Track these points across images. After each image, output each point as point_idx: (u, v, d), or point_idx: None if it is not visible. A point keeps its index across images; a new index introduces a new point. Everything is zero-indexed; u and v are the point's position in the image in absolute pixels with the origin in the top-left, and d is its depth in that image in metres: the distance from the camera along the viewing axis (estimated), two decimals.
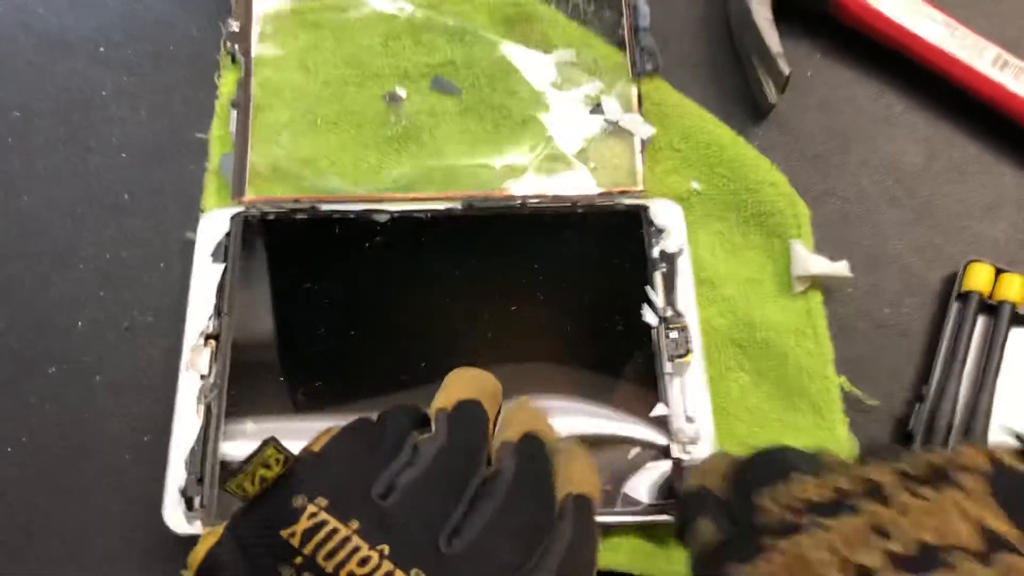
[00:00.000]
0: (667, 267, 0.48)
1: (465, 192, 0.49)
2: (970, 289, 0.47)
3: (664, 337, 0.46)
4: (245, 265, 0.47)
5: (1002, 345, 0.46)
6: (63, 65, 0.53)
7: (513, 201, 0.49)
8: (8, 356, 0.47)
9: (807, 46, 0.53)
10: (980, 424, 0.45)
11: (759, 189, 0.49)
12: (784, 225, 0.48)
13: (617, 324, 0.47)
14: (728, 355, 0.47)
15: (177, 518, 0.42)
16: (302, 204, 0.48)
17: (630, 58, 0.52)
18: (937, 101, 0.52)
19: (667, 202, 0.49)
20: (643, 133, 0.50)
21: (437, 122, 0.51)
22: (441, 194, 0.49)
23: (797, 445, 0.41)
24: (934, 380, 0.46)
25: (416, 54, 0.52)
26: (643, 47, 0.51)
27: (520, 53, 0.52)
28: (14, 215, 0.50)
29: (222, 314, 0.46)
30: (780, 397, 0.46)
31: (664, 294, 0.47)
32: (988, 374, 0.46)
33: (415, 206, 0.48)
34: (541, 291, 0.47)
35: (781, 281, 0.48)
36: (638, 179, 0.50)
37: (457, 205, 0.49)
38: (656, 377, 0.45)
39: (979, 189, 0.51)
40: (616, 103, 0.51)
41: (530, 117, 0.51)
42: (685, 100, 0.51)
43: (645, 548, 0.43)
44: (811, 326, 0.47)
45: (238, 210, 0.48)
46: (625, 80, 0.51)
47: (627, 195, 0.49)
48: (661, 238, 0.48)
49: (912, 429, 0.45)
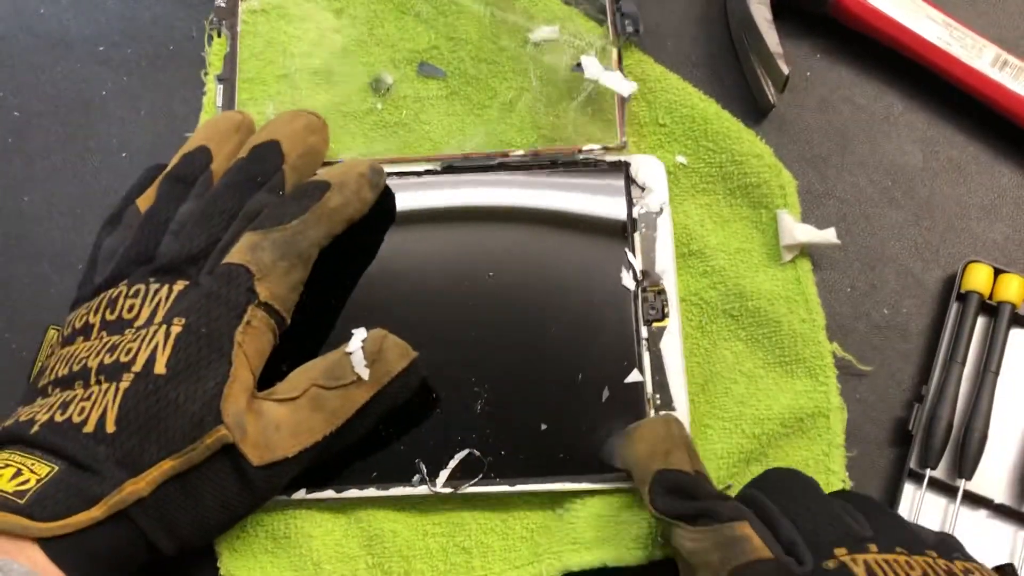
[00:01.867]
0: (646, 228, 0.48)
1: (444, 154, 0.50)
2: (969, 289, 0.47)
3: (641, 301, 0.46)
4: None
5: (1002, 346, 0.46)
6: (63, 65, 0.53)
7: (492, 160, 0.49)
8: (8, 356, 0.48)
9: (806, 46, 0.53)
10: (980, 425, 0.45)
11: (744, 161, 0.49)
12: (770, 196, 0.49)
13: (594, 285, 0.46)
14: (721, 325, 0.47)
15: None
16: None
17: (610, 20, 0.52)
18: (936, 101, 0.52)
19: (649, 158, 0.49)
20: (624, 90, 0.50)
21: (423, 106, 0.51)
22: (420, 156, 0.50)
23: (794, 408, 0.45)
24: (933, 381, 0.46)
25: (401, 40, 0.52)
26: (623, 12, 0.51)
27: (504, 33, 0.52)
28: (14, 215, 0.50)
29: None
30: (775, 363, 0.46)
31: (643, 255, 0.47)
32: (988, 375, 0.46)
33: (395, 168, 0.49)
34: (519, 251, 0.47)
35: (770, 251, 0.48)
36: (619, 135, 0.49)
37: (436, 166, 0.49)
38: (632, 341, 0.45)
39: (978, 189, 0.51)
40: (595, 62, 0.50)
41: (516, 97, 0.51)
42: (669, 74, 0.51)
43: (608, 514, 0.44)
44: (801, 293, 0.47)
45: None
46: (606, 43, 0.51)
47: (609, 152, 0.49)
48: (642, 196, 0.48)
49: (912, 430, 0.45)
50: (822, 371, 0.46)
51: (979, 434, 0.45)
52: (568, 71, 0.51)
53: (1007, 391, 0.46)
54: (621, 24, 0.51)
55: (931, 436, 0.45)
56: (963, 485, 0.45)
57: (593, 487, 0.43)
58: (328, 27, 0.53)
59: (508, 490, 0.44)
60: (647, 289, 0.46)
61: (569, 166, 0.49)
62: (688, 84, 0.51)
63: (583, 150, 0.49)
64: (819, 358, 0.46)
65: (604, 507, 0.44)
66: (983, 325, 0.47)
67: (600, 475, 0.43)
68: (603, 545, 0.43)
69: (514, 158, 0.49)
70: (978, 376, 0.46)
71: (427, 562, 0.44)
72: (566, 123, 0.50)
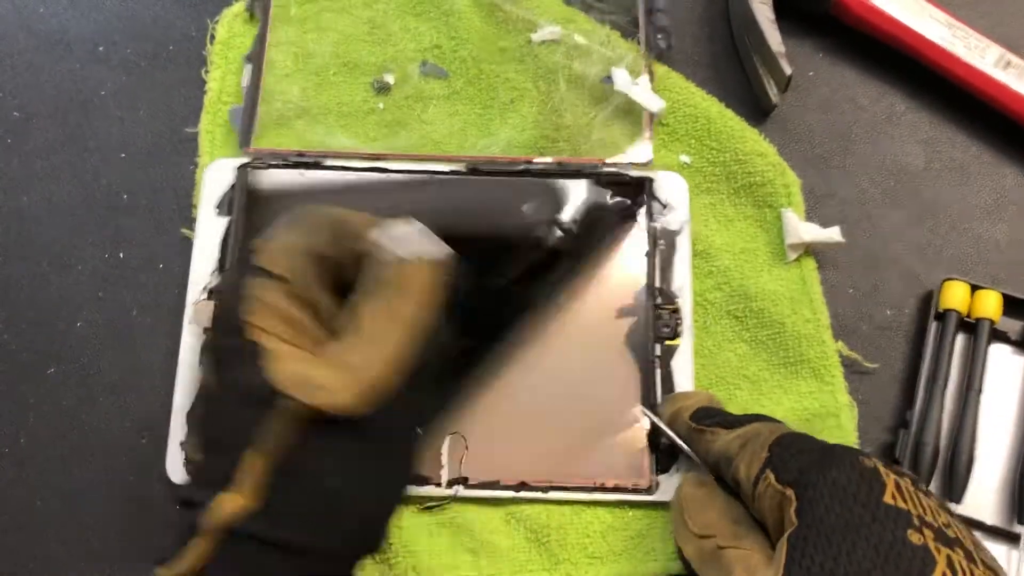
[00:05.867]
0: (665, 245, 0.47)
1: (469, 155, 0.49)
2: (947, 308, 0.47)
3: (655, 318, 0.46)
4: (250, 218, 0.47)
5: (983, 363, 0.46)
6: (63, 65, 0.53)
7: (516, 164, 0.49)
8: (7, 356, 0.47)
9: (809, 46, 0.53)
10: (966, 447, 0.44)
11: (748, 160, 0.49)
12: (775, 195, 0.49)
13: (610, 300, 0.46)
14: (725, 326, 0.47)
15: (177, 469, 0.44)
16: (307, 157, 0.48)
17: (643, 36, 0.51)
18: (939, 101, 0.52)
19: (673, 175, 0.49)
20: (653, 106, 0.49)
21: (426, 106, 0.51)
22: (444, 155, 0.49)
23: (799, 410, 0.45)
24: (917, 405, 0.45)
25: (403, 40, 0.52)
26: (656, 26, 0.51)
27: (508, 33, 0.52)
28: (14, 215, 0.50)
29: (226, 268, 0.46)
30: (780, 365, 0.46)
31: (660, 273, 0.47)
32: (971, 394, 0.45)
33: (419, 166, 0.48)
34: (537, 260, 0.47)
35: (774, 250, 0.48)
36: (646, 151, 0.49)
37: (461, 167, 0.48)
38: (644, 359, 0.45)
39: (981, 190, 0.51)
40: (626, 75, 0.50)
41: (519, 97, 0.51)
42: (672, 73, 0.51)
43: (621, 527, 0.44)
44: (806, 293, 0.47)
45: (243, 160, 0.48)
46: (634, 56, 0.51)
47: (633, 166, 0.49)
48: (663, 213, 0.48)
49: (898, 456, 0.45)
50: (827, 371, 0.46)
51: (966, 456, 0.44)
52: (596, 81, 0.50)
53: (991, 409, 0.46)
54: (654, 39, 0.51)
55: (918, 463, 0.44)
56: (953, 508, 0.44)
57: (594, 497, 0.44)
58: (330, 25, 0.52)
59: (512, 496, 0.44)
60: (662, 307, 0.46)
61: (592, 177, 0.48)
62: (691, 84, 0.51)
63: (607, 163, 0.49)
64: (824, 358, 0.46)
65: (617, 520, 0.44)
66: (963, 343, 0.47)
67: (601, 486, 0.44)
68: (618, 559, 0.43)
69: (538, 164, 0.49)
70: (961, 396, 0.46)
71: (434, 559, 0.44)
72: (588, 132, 0.50)
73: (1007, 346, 0.47)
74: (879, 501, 0.32)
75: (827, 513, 0.33)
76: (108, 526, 0.45)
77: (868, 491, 0.33)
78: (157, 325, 0.47)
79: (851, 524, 0.32)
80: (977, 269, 0.49)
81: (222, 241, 0.47)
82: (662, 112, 0.50)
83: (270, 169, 0.48)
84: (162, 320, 0.47)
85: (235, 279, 0.35)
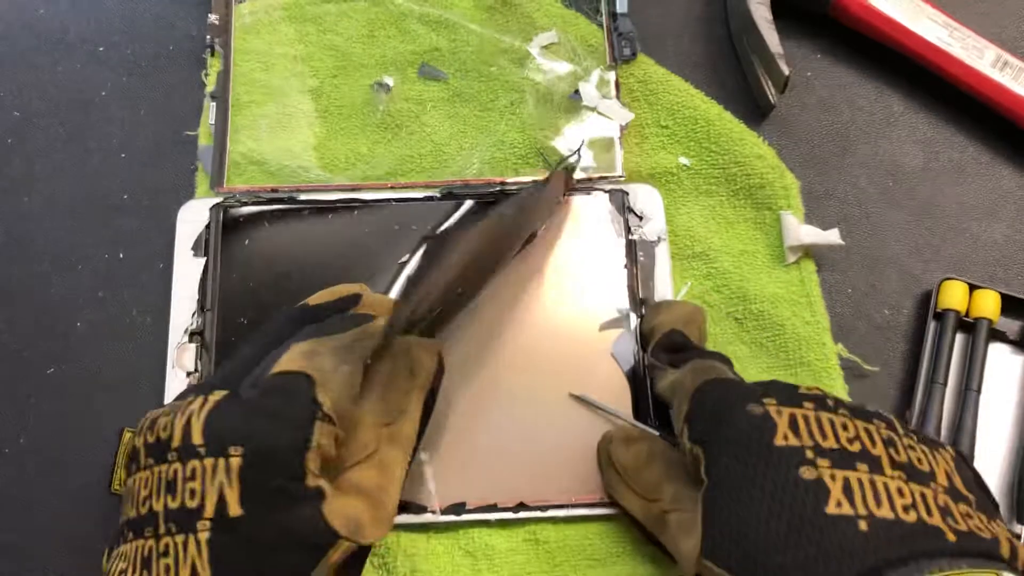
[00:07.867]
0: (644, 257, 0.48)
1: (445, 180, 0.49)
2: (946, 308, 0.47)
3: (639, 329, 0.46)
4: (227, 258, 0.47)
5: (982, 363, 0.46)
6: (63, 65, 0.53)
7: (492, 187, 0.49)
8: (7, 356, 0.47)
9: (807, 46, 0.53)
10: (966, 446, 0.44)
11: (747, 163, 0.49)
12: (774, 197, 0.49)
13: (593, 312, 0.46)
14: (725, 328, 0.47)
15: None
16: (281, 193, 0.48)
17: (608, 44, 0.52)
18: (937, 102, 0.52)
19: (647, 187, 0.49)
20: (621, 119, 0.50)
21: (425, 108, 0.51)
22: (420, 182, 0.49)
23: None
24: (916, 404, 0.46)
25: (402, 43, 0.52)
26: (620, 32, 0.51)
27: (504, 37, 0.52)
28: (14, 215, 0.50)
29: (205, 310, 0.46)
30: (780, 368, 0.47)
31: (641, 284, 0.47)
32: (970, 394, 0.45)
33: (394, 194, 0.49)
34: (515, 278, 0.47)
35: (774, 252, 0.48)
36: (617, 165, 0.49)
37: (436, 193, 0.49)
38: (632, 370, 0.45)
39: (979, 190, 0.51)
40: (593, 89, 0.50)
41: (516, 100, 0.51)
42: (671, 76, 0.51)
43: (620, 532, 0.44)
44: (805, 295, 0.47)
45: (217, 200, 0.48)
46: (604, 67, 0.51)
47: (607, 180, 0.49)
48: (640, 225, 0.48)
49: None
50: (827, 374, 0.46)
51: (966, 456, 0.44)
52: (564, 96, 0.51)
53: (990, 409, 0.46)
54: (619, 47, 0.51)
55: None
56: None
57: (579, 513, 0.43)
58: (327, 30, 0.53)
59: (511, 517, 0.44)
60: None
61: (566, 192, 0.48)
62: (690, 86, 0.51)
63: (581, 180, 0.49)
64: (824, 360, 0.46)
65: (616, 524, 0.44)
66: (962, 343, 0.47)
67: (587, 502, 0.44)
68: (617, 562, 0.43)
69: (513, 186, 0.49)
70: (960, 396, 0.46)
71: (432, 562, 0.44)
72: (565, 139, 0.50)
73: (1006, 346, 0.47)
74: (770, 445, 0.33)
75: (727, 470, 0.33)
76: (108, 526, 0.44)
77: (759, 438, 0.33)
78: (157, 325, 0.47)
79: (746, 475, 0.33)
80: (975, 269, 0.49)
81: (200, 282, 0.46)
82: (629, 123, 0.50)
83: (244, 207, 0.48)
84: (162, 320, 0.47)
85: (295, 409, 0.34)
